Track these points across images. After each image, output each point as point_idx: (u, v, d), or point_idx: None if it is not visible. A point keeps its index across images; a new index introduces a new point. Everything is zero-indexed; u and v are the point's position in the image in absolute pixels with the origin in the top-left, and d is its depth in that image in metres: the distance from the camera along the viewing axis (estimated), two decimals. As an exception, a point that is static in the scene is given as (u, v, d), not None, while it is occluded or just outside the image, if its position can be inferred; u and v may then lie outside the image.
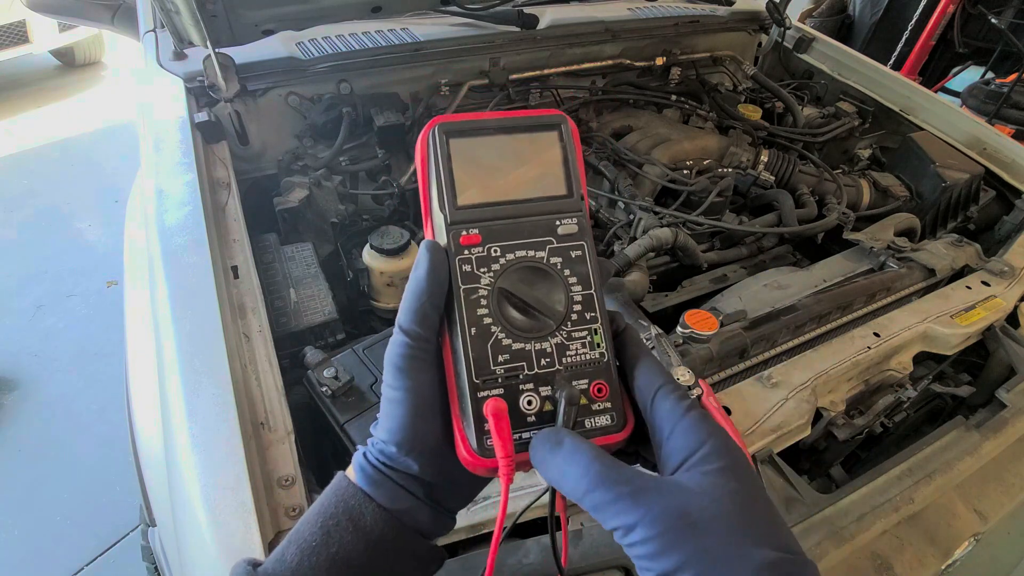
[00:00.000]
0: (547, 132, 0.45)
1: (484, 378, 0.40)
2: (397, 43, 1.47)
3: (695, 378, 0.88)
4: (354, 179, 1.40)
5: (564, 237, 0.44)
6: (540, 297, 0.42)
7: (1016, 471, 1.00)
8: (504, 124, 0.44)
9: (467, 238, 0.41)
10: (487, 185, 0.43)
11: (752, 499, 0.35)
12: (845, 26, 4.09)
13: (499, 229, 0.42)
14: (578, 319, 0.42)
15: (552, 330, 0.42)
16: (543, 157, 0.45)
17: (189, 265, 0.92)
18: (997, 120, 3.05)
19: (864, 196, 1.53)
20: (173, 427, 0.75)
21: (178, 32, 1.27)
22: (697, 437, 0.37)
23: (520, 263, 0.42)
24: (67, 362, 2.50)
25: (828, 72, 1.91)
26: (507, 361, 0.40)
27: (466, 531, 0.72)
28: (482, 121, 0.44)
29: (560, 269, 0.43)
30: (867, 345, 1.05)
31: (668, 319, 1.15)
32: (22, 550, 1.89)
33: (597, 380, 0.42)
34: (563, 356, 0.42)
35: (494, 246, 0.42)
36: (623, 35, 1.75)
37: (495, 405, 0.39)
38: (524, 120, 0.45)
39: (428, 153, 0.43)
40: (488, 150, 0.44)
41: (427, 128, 0.43)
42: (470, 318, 0.40)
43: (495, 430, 0.38)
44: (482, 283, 0.41)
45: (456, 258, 0.41)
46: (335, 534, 0.39)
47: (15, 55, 4.19)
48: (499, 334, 0.41)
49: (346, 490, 0.41)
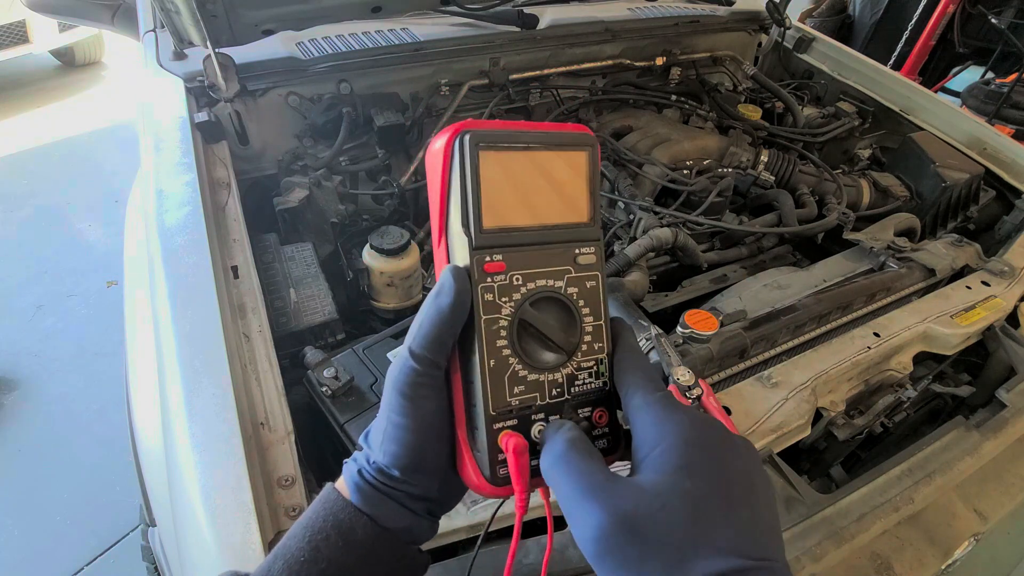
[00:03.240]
0: (578, 152, 0.43)
1: (500, 410, 0.39)
2: (397, 43, 1.47)
3: (695, 378, 0.88)
4: (354, 179, 1.40)
5: (582, 267, 0.42)
6: (558, 328, 0.41)
7: (1016, 471, 1.00)
8: (537, 139, 0.41)
9: (492, 265, 0.39)
10: (513, 207, 0.41)
11: (706, 499, 0.32)
12: (845, 26, 4.09)
13: (522, 256, 0.40)
14: (587, 349, 0.42)
15: (565, 361, 0.41)
16: (570, 179, 0.42)
17: (189, 265, 0.92)
18: (997, 120, 3.06)
19: (864, 196, 1.53)
20: (173, 427, 0.75)
21: (178, 32, 1.27)
22: (656, 431, 0.36)
23: (540, 293, 0.41)
24: (67, 362, 2.50)
25: (828, 72, 1.91)
26: (522, 392, 0.40)
27: (466, 531, 0.72)
28: (515, 133, 0.41)
29: (575, 299, 0.42)
30: (867, 345, 1.05)
31: (668, 319, 1.15)
32: (22, 550, 1.89)
33: (599, 408, 0.42)
34: (572, 386, 0.42)
35: (517, 274, 0.40)
36: (623, 35, 1.75)
37: (517, 444, 0.38)
38: (556, 137, 0.42)
39: (452, 163, 0.40)
40: (517, 167, 0.41)
41: (452, 134, 0.39)
42: (489, 350, 0.39)
43: (514, 467, 0.38)
44: (503, 313, 0.39)
45: (479, 286, 0.39)
46: (324, 549, 0.38)
47: (15, 55, 4.18)
48: (516, 366, 0.40)
49: (335, 504, 0.40)
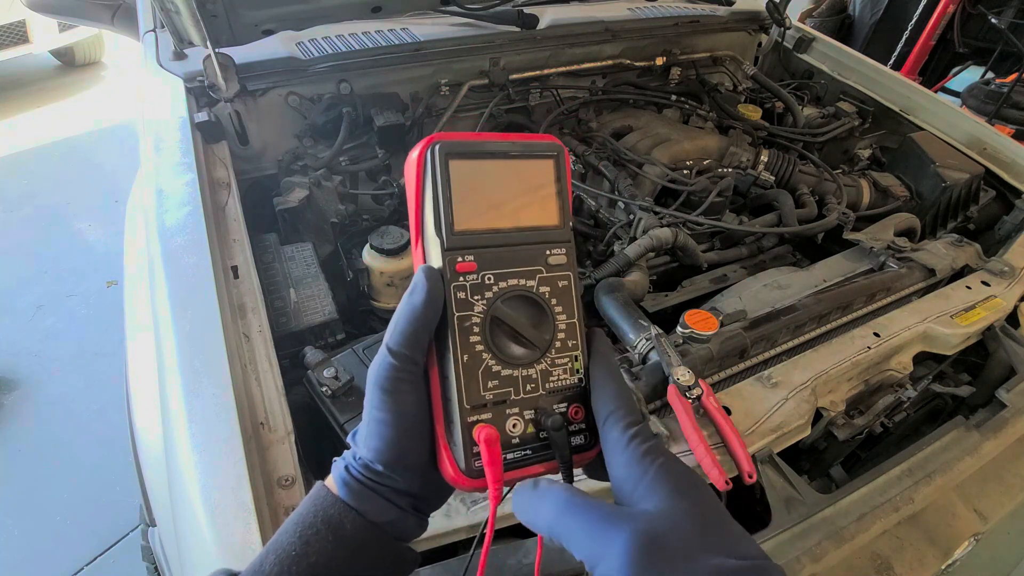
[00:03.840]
0: (544, 160, 0.45)
1: (474, 404, 0.41)
2: (397, 43, 1.47)
3: (695, 378, 0.88)
4: (354, 179, 1.40)
5: (553, 267, 0.45)
6: (530, 325, 0.43)
7: (1016, 471, 1.00)
8: (504, 149, 0.44)
9: (463, 265, 0.42)
10: (484, 211, 0.43)
11: (703, 515, 0.37)
12: (845, 26, 4.09)
13: (493, 257, 0.43)
14: (561, 346, 0.44)
15: (538, 357, 0.43)
16: (538, 186, 0.45)
17: (189, 265, 0.92)
18: (997, 120, 3.06)
19: (864, 196, 1.53)
20: (173, 427, 0.75)
21: (178, 32, 1.27)
22: (638, 468, 0.38)
23: (512, 291, 0.43)
24: (67, 362, 2.50)
25: (828, 72, 1.91)
26: (496, 387, 0.41)
27: (466, 531, 0.72)
28: (482, 144, 0.44)
29: (548, 298, 0.44)
30: (867, 345, 1.05)
31: (668, 319, 1.14)
32: (22, 550, 1.89)
33: (575, 403, 0.44)
34: (546, 382, 0.43)
35: (488, 273, 0.42)
36: (623, 35, 1.75)
37: (488, 434, 0.40)
38: (523, 146, 0.45)
39: (424, 172, 0.42)
40: (486, 174, 0.43)
41: (424, 146, 0.42)
42: (463, 346, 0.41)
43: (487, 458, 0.39)
44: (475, 311, 0.41)
45: (451, 285, 0.41)
46: (314, 543, 0.39)
47: (15, 55, 4.19)
48: (490, 361, 0.41)
49: (324, 499, 0.41)
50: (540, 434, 0.43)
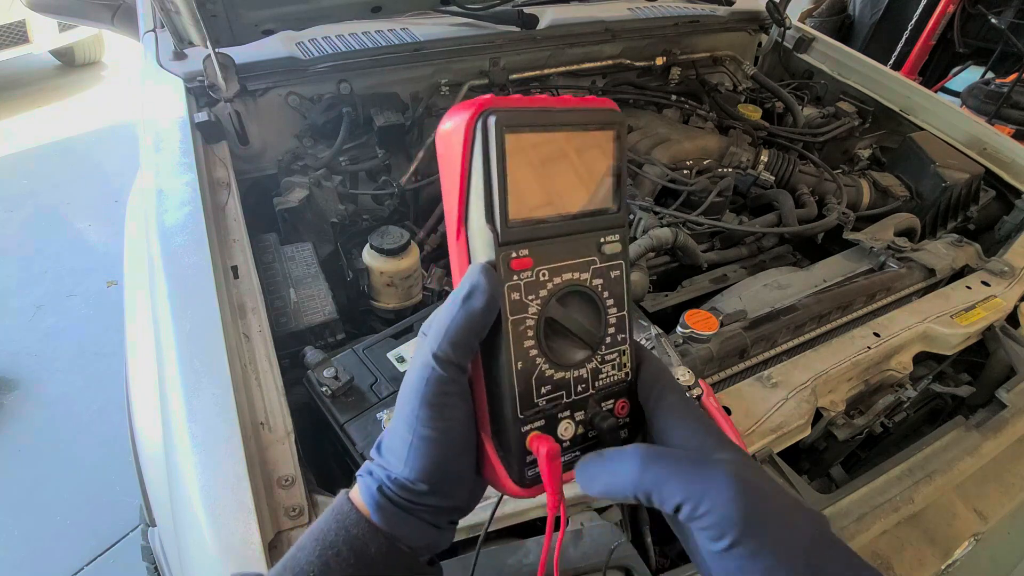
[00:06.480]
0: (606, 131, 0.39)
1: (527, 413, 0.37)
2: (397, 43, 1.47)
3: (695, 378, 0.88)
4: (354, 179, 1.40)
5: (607, 257, 0.40)
6: (583, 323, 0.39)
7: (1016, 471, 1.00)
8: (564, 118, 0.38)
9: (519, 262, 0.36)
10: (539, 196, 0.37)
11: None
12: (845, 26, 4.09)
13: (548, 249, 0.38)
14: (611, 342, 0.40)
15: (591, 356, 0.40)
16: (597, 162, 0.39)
17: (189, 265, 0.92)
18: (997, 120, 3.06)
19: (864, 196, 1.53)
20: (173, 427, 0.74)
21: (178, 32, 1.27)
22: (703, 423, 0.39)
23: (566, 287, 0.38)
24: (67, 362, 2.50)
25: (828, 72, 1.91)
26: (549, 392, 0.38)
27: (466, 531, 0.72)
28: (543, 112, 0.37)
29: (600, 291, 0.40)
30: (867, 345, 1.05)
31: (668, 319, 1.14)
32: (22, 550, 1.89)
33: (621, 399, 0.41)
34: (596, 380, 0.40)
35: (543, 269, 0.37)
36: (623, 35, 1.75)
37: (550, 448, 0.37)
38: (584, 115, 0.39)
39: (472, 147, 0.36)
40: (543, 150, 0.37)
41: (474, 114, 0.35)
42: (517, 351, 0.37)
43: (547, 471, 0.37)
44: (529, 312, 0.37)
45: (506, 284, 0.36)
46: (334, 564, 0.37)
47: (15, 55, 4.19)
48: (544, 366, 0.38)
49: (347, 518, 0.39)
50: (589, 433, 0.40)
